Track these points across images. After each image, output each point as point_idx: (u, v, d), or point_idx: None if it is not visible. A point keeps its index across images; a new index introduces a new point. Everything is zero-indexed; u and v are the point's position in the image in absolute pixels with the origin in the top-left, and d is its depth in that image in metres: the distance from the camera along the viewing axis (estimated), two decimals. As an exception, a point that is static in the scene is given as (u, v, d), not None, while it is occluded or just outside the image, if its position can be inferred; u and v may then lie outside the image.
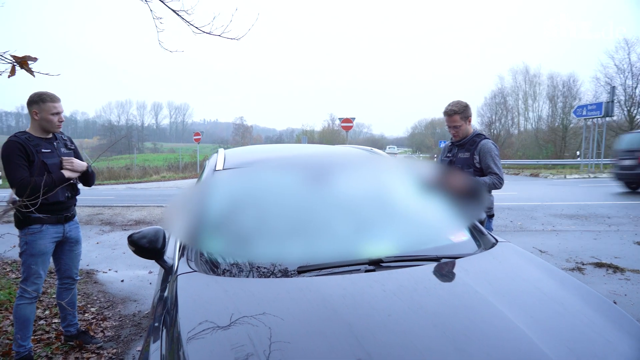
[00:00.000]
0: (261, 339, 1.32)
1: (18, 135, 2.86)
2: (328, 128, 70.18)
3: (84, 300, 4.36)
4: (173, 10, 2.82)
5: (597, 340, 1.45)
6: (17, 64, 1.90)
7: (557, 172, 23.69)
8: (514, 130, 44.86)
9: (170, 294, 1.74)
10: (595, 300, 1.71)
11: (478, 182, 3.28)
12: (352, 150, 3.21)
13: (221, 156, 2.78)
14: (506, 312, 1.51)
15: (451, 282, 1.80)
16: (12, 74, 1.93)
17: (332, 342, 1.32)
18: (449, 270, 1.89)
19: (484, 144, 3.37)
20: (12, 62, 1.91)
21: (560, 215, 8.95)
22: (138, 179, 25.25)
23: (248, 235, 2.08)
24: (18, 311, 2.87)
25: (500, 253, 2.09)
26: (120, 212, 10.29)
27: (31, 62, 1.94)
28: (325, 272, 1.80)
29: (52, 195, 2.81)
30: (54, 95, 2.92)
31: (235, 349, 1.28)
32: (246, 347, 1.28)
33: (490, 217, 3.45)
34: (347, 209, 2.32)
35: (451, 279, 1.82)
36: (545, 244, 6.44)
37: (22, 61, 1.91)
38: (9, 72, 1.91)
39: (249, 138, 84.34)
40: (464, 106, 3.43)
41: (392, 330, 1.39)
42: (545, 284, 1.81)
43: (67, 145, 3.09)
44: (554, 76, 40.03)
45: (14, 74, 1.92)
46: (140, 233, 2.02)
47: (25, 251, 2.83)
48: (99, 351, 3.23)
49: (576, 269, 5.17)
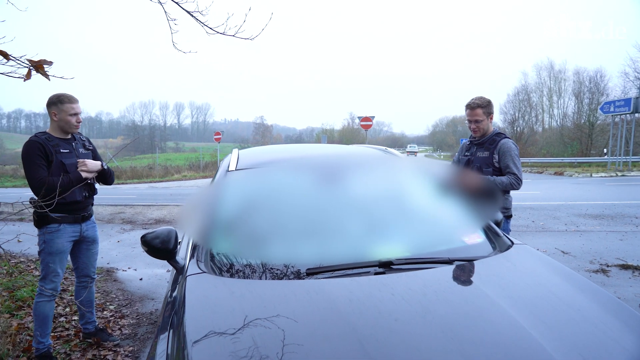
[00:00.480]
0: (264, 342, 1.31)
1: (38, 135, 2.93)
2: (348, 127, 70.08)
3: (103, 298, 4.45)
4: (187, 12, 2.83)
5: (613, 348, 1.39)
6: (33, 68, 1.94)
7: (583, 171, 23.08)
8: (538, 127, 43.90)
9: (179, 294, 1.75)
10: (614, 306, 1.64)
11: (492, 181, 3.21)
12: (366, 150, 3.17)
13: (234, 157, 2.79)
14: (518, 317, 1.47)
15: (462, 286, 1.75)
16: (28, 77, 1.96)
17: (336, 346, 1.30)
18: (461, 273, 1.84)
19: (504, 143, 3.29)
20: (28, 66, 1.95)
21: (584, 215, 8.71)
22: (160, 178, 25.68)
23: (257, 237, 2.08)
24: (37, 308, 2.94)
25: (515, 256, 2.04)
26: (141, 211, 10.47)
27: (47, 65, 1.98)
28: (335, 275, 1.78)
29: (70, 195, 2.87)
30: (72, 97, 2.98)
31: (237, 351, 1.28)
32: (249, 351, 1.27)
33: (508, 217, 3.37)
34: (359, 210, 2.30)
35: (463, 282, 1.78)
36: (568, 245, 6.27)
37: (37, 65, 1.95)
38: (25, 76, 1.95)
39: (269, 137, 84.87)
40: (487, 101, 3.38)
41: (397, 335, 1.36)
42: (561, 289, 1.75)
43: (85, 145, 3.15)
44: (580, 72, 39.00)
45: (29, 77, 1.96)
46: (153, 233, 2.03)
47: (44, 249, 2.90)
48: (116, 349, 3.29)
49: (600, 270, 5.02)
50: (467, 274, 1.84)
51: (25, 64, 1.95)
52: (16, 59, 1.97)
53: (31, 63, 1.94)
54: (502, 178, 3.23)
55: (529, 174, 22.42)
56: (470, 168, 3.44)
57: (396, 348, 1.29)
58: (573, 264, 5.32)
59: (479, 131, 3.38)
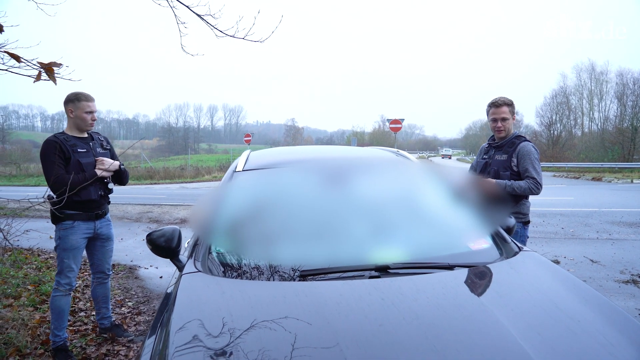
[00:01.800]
0: (242, 344, 1.31)
1: (57, 135, 3.04)
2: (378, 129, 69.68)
3: (123, 295, 4.57)
4: (198, 15, 2.88)
5: (611, 363, 1.32)
6: (43, 70, 2.02)
7: (623, 176, 22.07)
8: (577, 131, 42.32)
9: (174, 292, 1.78)
10: (620, 319, 1.55)
11: (510, 186, 3.11)
12: (377, 153, 3.14)
13: (244, 157, 2.81)
14: (510, 327, 1.41)
15: (457, 292, 1.69)
16: (38, 79, 2.04)
17: (313, 351, 1.29)
18: (458, 279, 1.79)
19: (523, 146, 3.18)
20: (39, 68, 2.03)
21: (618, 222, 8.31)
22: (191, 178, 26.24)
23: (255, 238, 2.08)
24: (53, 302, 3.05)
25: (520, 263, 1.96)
26: (168, 211, 10.72)
27: (56, 68, 2.05)
28: (329, 277, 1.76)
29: (85, 194, 2.96)
30: (89, 95, 3.08)
31: (215, 352, 1.29)
32: (225, 352, 1.28)
33: (526, 224, 3.25)
34: (362, 212, 2.27)
35: (458, 289, 1.72)
36: (598, 254, 6.00)
37: (47, 67, 2.03)
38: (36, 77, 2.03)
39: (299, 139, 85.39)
40: (511, 100, 3.30)
41: (379, 341, 1.33)
42: (564, 299, 1.67)
43: (103, 145, 3.25)
44: (623, 73, 37.34)
45: (39, 79, 2.04)
46: (159, 232, 2.07)
47: (59, 245, 3.01)
48: (130, 344, 3.37)
49: (631, 281, 4.77)
50: (465, 280, 1.78)
51: (35, 66, 2.04)
52: (28, 62, 2.05)
53: (41, 65, 2.01)
54: (520, 183, 3.12)
55: (564, 179, 21.64)
56: (488, 171, 3.34)
57: (375, 354, 1.27)
58: (602, 274, 5.08)
59: (504, 130, 3.27)
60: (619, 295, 4.36)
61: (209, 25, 2.83)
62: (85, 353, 3.20)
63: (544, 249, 6.19)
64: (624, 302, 4.14)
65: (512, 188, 3.11)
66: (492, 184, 3.16)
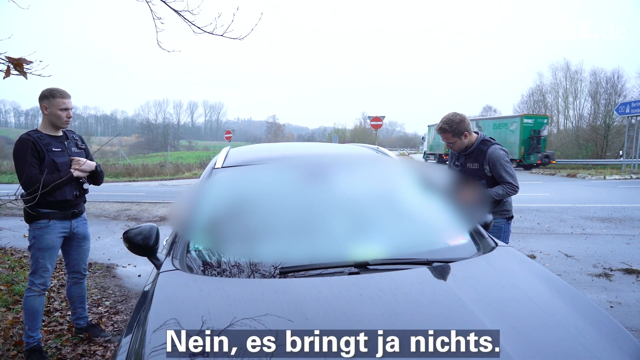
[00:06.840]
0: (219, 342, 1.30)
1: (30, 133, 2.95)
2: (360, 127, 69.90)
3: (100, 294, 4.49)
4: (175, 11, 2.84)
5: (583, 355, 1.36)
6: (12, 65, 1.96)
7: (597, 173, 22.65)
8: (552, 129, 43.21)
9: (150, 290, 1.76)
10: (592, 312, 1.60)
11: (488, 193, 3.14)
12: (358, 150, 3.15)
13: (223, 154, 2.78)
14: (485, 321, 1.43)
15: (434, 287, 1.72)
16: (7, 74, 1.98)
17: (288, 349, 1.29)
18: (436, 275, 1.81)
19: (491, 152, 3.15)
20: (7, 63, 1.96)
21: (592, 217, 8.55)
22: (171, 175, 25.86)
23: (233, 235, 2.07)
24: (27, 302, 2.98)
25: (496, 258, 2.00)
26: (147, 209, 10.56)
27: (26, 64, 1.99)
28: (308, 274, 1.77)
29: (60, 194, 2.89)
30: (64, 92, 2.99)
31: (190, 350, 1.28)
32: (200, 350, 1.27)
33: (509, 219, 3.30)
34: (341, 209, 2.27)
35: (435, 284, 1.75)
36: (572, 248, 6.16)
37: (17, 63, 1.97)
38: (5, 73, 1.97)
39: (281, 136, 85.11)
40: (456, 122, 3.18)
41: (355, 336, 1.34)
42: (538, 293, 1.71)
43: (78, 144, 3.17)
44: (597, 72, 38.24)
45: (8, 75, 1.98)
46: (136, 229, 2.03)
47: (34, 245, 2.93)
48: (107, 344, 3.31)
49: (603, 275, 4.92)
50: (442, 275, 1.81)
51: (4, 60, 1.97)
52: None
53: (10, 60, 1.95)
54: (497, 189, 3.14)
55: (540, 176, 22.09)
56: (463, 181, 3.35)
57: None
58: (575, 268, 5.22)
59: (459, 148, 3.27)
60: (592, 289, 4.48)
61: (187, 22, 2.79)
62: (60, 354, 3.14)
63: (520, 244, 6.32)
64: (597, 295, 4.26)
65: (490, 196, 3.14)
66: (476, 193, 3.16)
